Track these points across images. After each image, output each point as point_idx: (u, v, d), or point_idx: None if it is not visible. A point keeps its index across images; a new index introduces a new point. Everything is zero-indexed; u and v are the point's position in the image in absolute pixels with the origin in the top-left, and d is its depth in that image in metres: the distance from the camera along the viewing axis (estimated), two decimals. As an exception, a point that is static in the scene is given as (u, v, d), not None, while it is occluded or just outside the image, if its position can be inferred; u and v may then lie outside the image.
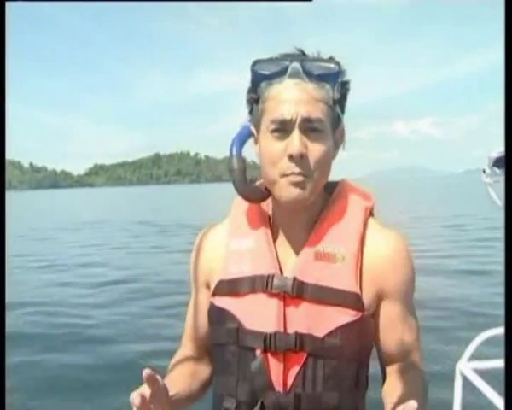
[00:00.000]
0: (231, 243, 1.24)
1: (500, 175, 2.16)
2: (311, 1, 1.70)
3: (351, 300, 1.11)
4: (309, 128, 1.09)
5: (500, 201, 2.17)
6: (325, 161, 1.12)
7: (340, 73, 1.12)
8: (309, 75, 1.10)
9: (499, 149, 2.12)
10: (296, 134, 1.09)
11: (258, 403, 1.13)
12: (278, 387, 1.12)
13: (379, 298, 1.17)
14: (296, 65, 1.10)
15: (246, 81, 1.17)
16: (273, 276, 1.15)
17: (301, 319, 1.12)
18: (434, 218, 22.80)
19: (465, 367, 2.51)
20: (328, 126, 1.12)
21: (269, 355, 1.12)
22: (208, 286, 1.28)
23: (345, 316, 1.10)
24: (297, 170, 1.09)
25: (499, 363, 2.59)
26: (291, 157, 1.09)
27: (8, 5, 1.28)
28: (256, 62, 1.13)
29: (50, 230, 23.81)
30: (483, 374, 2.47)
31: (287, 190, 1.11)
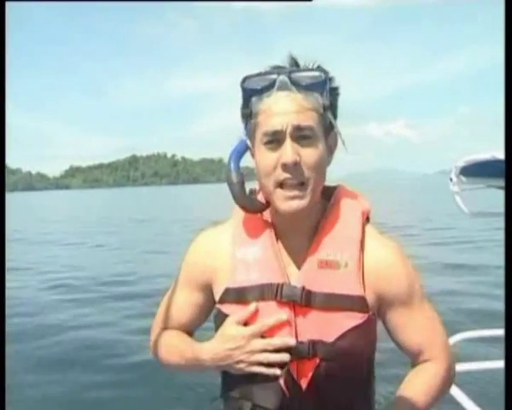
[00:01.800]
0: (237, 252, 1.26)
1: (466, 183, 2.22)
2: (312, 1, 1.75)
3: (357, 303, 1.17)
4: (300, 136, 1.14)
5: (466, 208, 2.22)
6: (319, 167, 1.16)
7: (327, 80, 1.16)
8: (297, 86, 1.14)
9: (465, 158, 2.17)
10: (288, 143, 1.13)
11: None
12: (291, 393, 1.19)
13: (381, 302, 1.23)
14: (283, 78, 1.14)
15: (221, 83, 1.20)
16: (282, 285, 1.19)
17: (311, 327, 1.17)
18: (409, 219, 23.02)
19: None
20: (319, 133, 1.16)
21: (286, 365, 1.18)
22: (205, 289, 1.32)
23: (352, 319, 1.16)
24: (292, 178, 1.14)
25: (474, 365, 2.60)
26: (285, 166, 1.13)
27: (8, 5, 1.30)
28: (245, 79, 1.18)
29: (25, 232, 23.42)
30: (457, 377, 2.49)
31: (285, 203, 1.16)
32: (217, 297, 1.28)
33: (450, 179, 2.18)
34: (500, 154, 1.99)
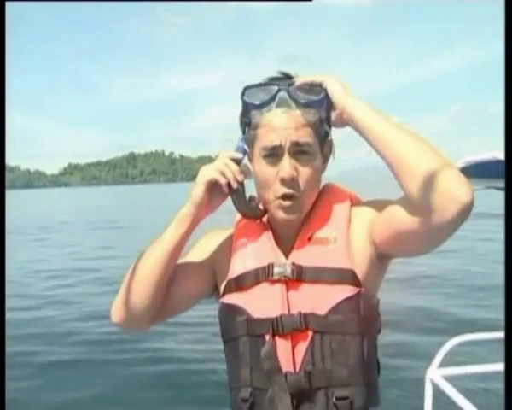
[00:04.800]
0: (236, 245, 1.34)
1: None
2: (311, 1, 1.73)
3: (347, 276, 1.18)
4: (298, 151, 1.20)
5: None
6: (314, 180, 1.24)
7: (325, 98, 1.22)
8: (296, 102, 1.20)
9: (464, 160, 2.16)
10: (286, 159, 1.19)
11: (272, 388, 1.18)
12: (288, 367, 1.18)
13: (375, 246, 1.24)
14: (283, 94, 1.20)
15: (217, 79, 1.21)
16: (273, 264, 1.24)
17: (303, 300, 1.20)
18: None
19: (435, 374, 2.52)
20: (316, 146, 1.23)
21: (277, 338, 1.19)
22: (205, 282, 1.36)
23: (343, 292, 1.17)
24: (288, 192, 1.20)
25: (471, 369, 2.60)
26: (283, 180, 1.20)
27: (8, 5, 1.32)
28: (245, 90, 1.23)
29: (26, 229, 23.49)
30: (453, 381, 2.48)
31: (282, 213, 1.23)
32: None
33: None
34: (500, 154, 1.97)
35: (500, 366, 2.34)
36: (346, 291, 1.17)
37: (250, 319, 1.22)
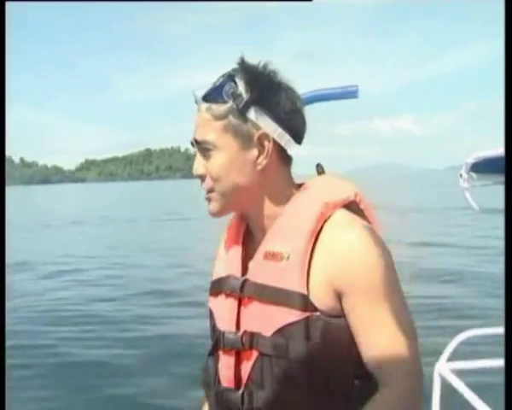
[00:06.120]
0: (220, 248, 1.33)
1: (476, 180, 2.22)
2: (311, 1, 1.76)
3: (295, 299, 1.08)
4: (203, 149, 1.17)
5: (476, 205, 2.22)
6: (224, 174, 1.16)
7: (225, 85, 1.14)
8: (204, 99, 1.17)
9: (476, 155, 2.16)
10: (196, 157, 1.21)
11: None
12: (229, 384, 1.16)
13: (340, 298, 1.08)
14: (196, 92, 1.18)
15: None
16: (229, 276, 1.21)
17: (251, 319, 1.14)
18: (420, 211, 23.03)
19: (444, 368, 2.53)
20: (228, 140, 1.15)
21: (220, 353, 1.19)
22: None
23: (289, 315, 1.08)
24: (204, 187, 1.20)
25: (479, 363, 2.60)
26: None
27: (8, 5, 1.29)
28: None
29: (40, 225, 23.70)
30: (462, 375, 2.49)
31: (206, 206, 1.23)
32: None
33: (461, 175, 2.18)
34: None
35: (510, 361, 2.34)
36: (292, 315, 1.07)
37: (215, 328, 1.23)
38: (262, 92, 1.14)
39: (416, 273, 9.16)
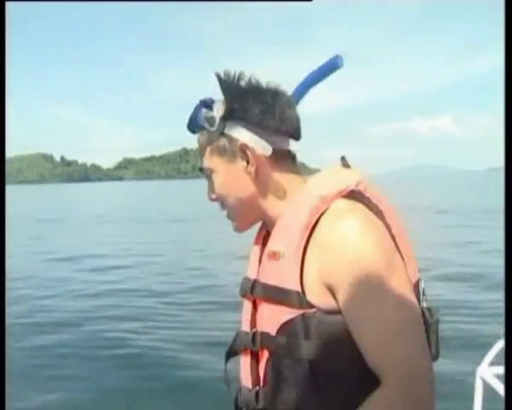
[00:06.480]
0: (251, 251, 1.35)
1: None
2: (311, 1, 1.74)
3: (290, 297, 1.08)
4: (206, 175, 1.25)
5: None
6: (226, 192, 1.22)
7: (198, 114, 1.19)
8: (190, 131, 1.26)
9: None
10: (208, 184, 1.27)
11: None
12: (245, 382, 1.19)
13: (332, 294, 1.05)
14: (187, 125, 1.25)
15: (264, 76, 1.21)
16: (244, 279, 1.26)
17: (261, 319, 1.16)
18: (459, 212, 22.64)
19: (486, 372, 2.49)
20: (217, 161, 1.21)
21: (241, 355, 1.21)
22: None
23: (287, 314, 1.08)
24: (221, 209, 1.28)
25: None
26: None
27: (8, 5, 1.31)
28: None
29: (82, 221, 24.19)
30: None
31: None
32: None
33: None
34: None
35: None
36: (288, 313, 1.08)
37: None
38: (231, 105, 1.16)
39: (461, 277, 9.00)
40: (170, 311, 7.74)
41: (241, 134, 1.16)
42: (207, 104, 1.19)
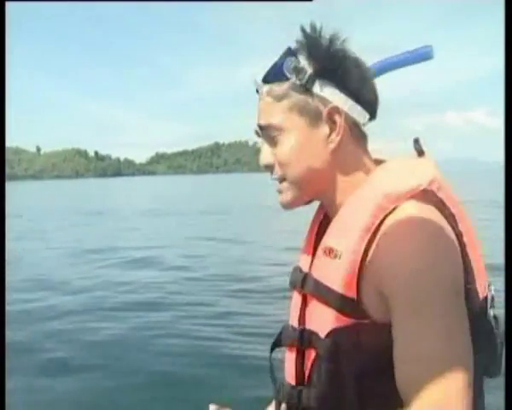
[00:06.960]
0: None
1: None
2: (311, 0, 1.73)
3: (343, 304, 0.98)
4: (269, 135, 1.08)
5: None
6: (295, 158, 1.05)
7: (285, 61, 1.03)
8: (264, 80, 1.07)
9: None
10: (263, 146, 1.11)
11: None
12: (289, 379, 1.13)
13: (385, 305, 0.94)
14: (256, 77, 1.08)
15: None
16: (296, 269, 1.18)
17: (311, 317, 1.08)
18: (498, 206, 22.21)
19: None
20: (294, 120, 1.04)
21: (287, 349, 1.15)
22: None
23: (336, 319, 0.99)
24: (274, 177, 1.11)
25: None
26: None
27: (8, 5, 1.28)
28: None
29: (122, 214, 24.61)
30: None
31: (278, 198, 1.12)
32: None
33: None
34: None
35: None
36: (339, 319, 0.98)
37: None
38: (327, 63, 1.02)
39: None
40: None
41: (336, 96, 1.03)
42: (295, 54, 1.03)
